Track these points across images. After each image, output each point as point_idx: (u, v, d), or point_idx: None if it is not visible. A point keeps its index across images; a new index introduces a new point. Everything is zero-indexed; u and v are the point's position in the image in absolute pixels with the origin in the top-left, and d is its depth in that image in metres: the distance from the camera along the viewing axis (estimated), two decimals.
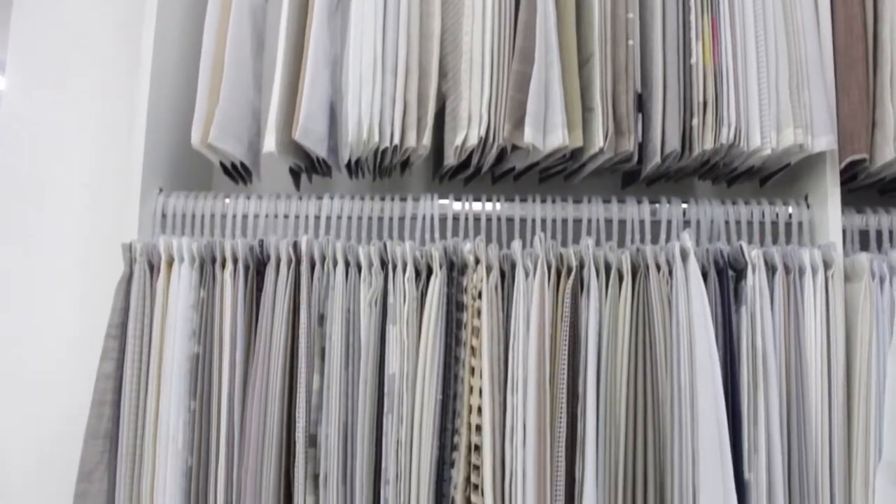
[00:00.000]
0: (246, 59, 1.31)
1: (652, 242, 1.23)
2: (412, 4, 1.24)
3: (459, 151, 1.22)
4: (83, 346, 1.34)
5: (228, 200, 1.34)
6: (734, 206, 1.29)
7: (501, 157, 1.28)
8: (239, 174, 1.39)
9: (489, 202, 1.30)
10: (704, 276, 1.17)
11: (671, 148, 1.18)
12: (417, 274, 1.21)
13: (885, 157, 1.22)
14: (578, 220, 1.28)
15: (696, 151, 1.20)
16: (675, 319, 1.14)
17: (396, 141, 1.22)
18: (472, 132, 1.19)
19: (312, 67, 1.22)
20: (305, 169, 1.40)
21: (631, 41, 1.22)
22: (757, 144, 1.20)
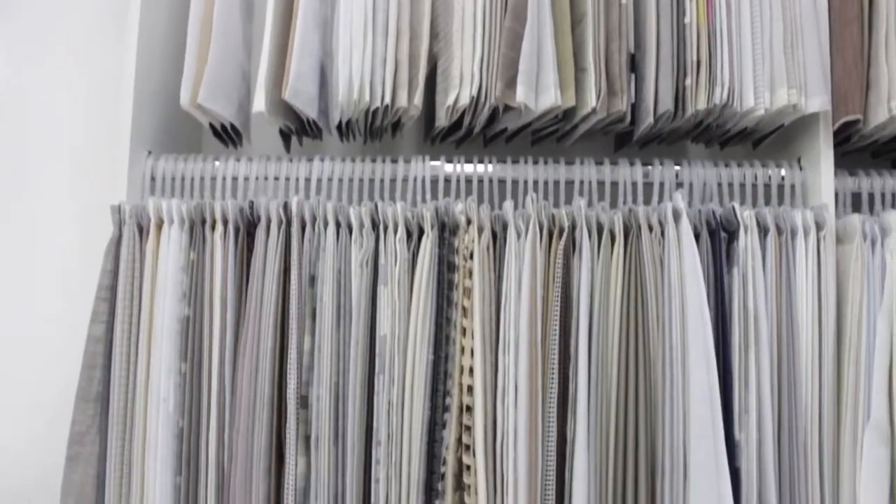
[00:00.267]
0: (235, 20, 1.29)
1: (644, 204, 1.22)
2: None
3: (451, 111, 1.21)
4: (73, 309, 1.33)
5: (218, 163, 1.33)
6: (727, 168, 1.28)
7: (493, 118, 1.27)
8: (229, 136, 1.38)
9: (481, 164, 1.29)
10: (696, 237, 1.16)
11: (664, 108, 1.17)
12: (409, 235, 1.20)
13: (878, 118, 1.22)
14: (571, 181, 1.28)
15: (689, 111, 1.19)
16: (666, 280, 1.14)
17: (387, 101, 1.20)
18: (463, 92, 1.18)
19: (302, 28, 1.21)
20: (296, 131, 1.39)
21: (624, 0, 1.20)
22: (750, 105, 1.19)
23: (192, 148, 1.53)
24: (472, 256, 1.17)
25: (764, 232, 1.18)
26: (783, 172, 1.29)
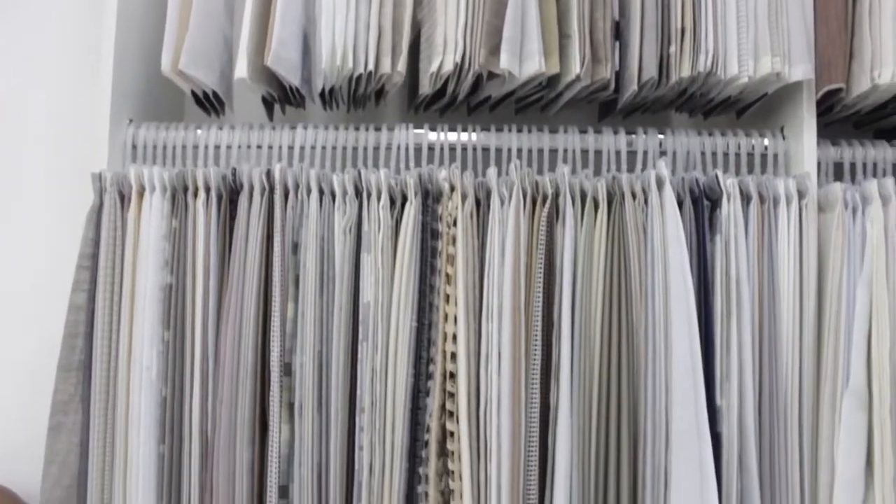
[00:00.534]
0: None
1: (628, 173, 1.22)
2: None
3: (435, 78, 1.20)
4: (54, 278, 1.32)
5: (200, 131, 1.32)
6: (710, 137, 1.29)
7: (477, 85, 1.26)
8: (211, 105, 1.36)
9: (465, 132, 1.29)
10: (680, 204, 1.17)
11: (648, 75, 1.17)
12: (392, 202, 1.20)
13: (861, 87, 1.22)
14: (554, 150, 1.28)
15: (672, 79, 1.19)
16: (649, 247, 1.15)
17: (371, 67, 1.20)
18: (447, 58, 1.17)
19: None
20: (279, 99, 1.38)
21: None
22: (734, 72, 1.19)
23: (174, 116, 1.51)
24: (455, 223, 1.17)
25: (746, 200, 1.18)
26: (766, 142, 1.29)
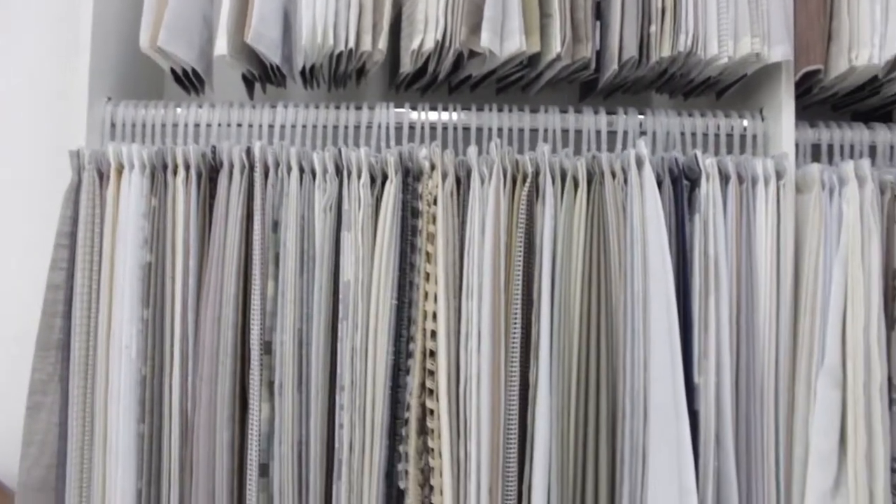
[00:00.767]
0: None
1: (608, 152, 1.23)
2: None
3: (416, 56, 1.20)
4: (31, 256, 1.31)
5: (180, 109, 1.32)
6: (690, 117, 1.29)
7: (458, 64, 1.26)
8: (191, 83, 1.35)
9: (445, 111, 1.29)
10: (659, 184, 1.17)
11: (628, 55, 1.18)
12: (372, 180, 1.20)
13: (839, 68, 1.23)
14: (535, 129, 1.28)
15: (653, 59, 1.19)
16: (629, 226, 1.15)
17: (351, 45, 1.19)
18: (428, 36, 1.17)
19: None
20: (259, 77, 1.37)
21: None
22: (714, 53, 1.20)
23: (153, 95, 1.50)
24: (435, 202, 1.17)
25: (725, 180, 1.19)
26: (745, 122, 1.30)
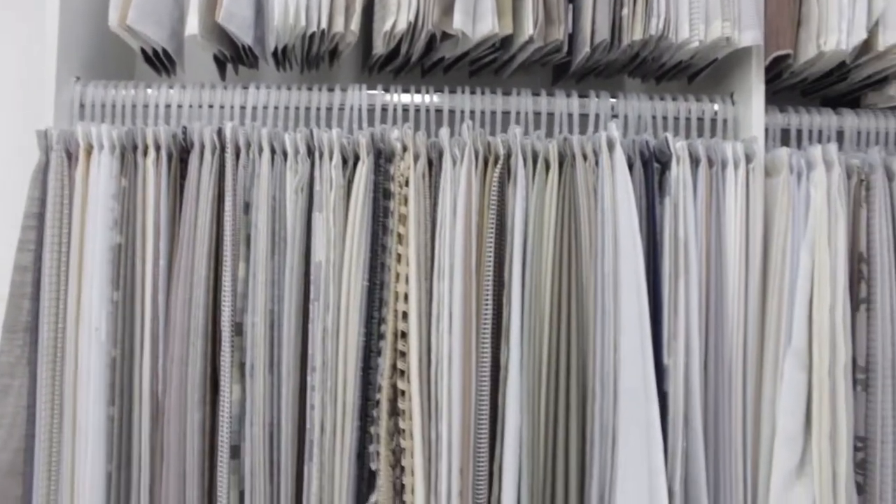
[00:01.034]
0: None
1: (580, 135, 1.23)
2: None
3: (388, 38, 1.19)
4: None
5: (151, 90, 1.30)
6: (662, 101, 1.30)
7: (431, 46, 1.26)
8: (162, 63, 1.34)
9: (418, 94, 1.29)
10: (630, 166, 1.18)
11: (601, 38, 1.18)
12: (344, 162, 1.19)
13: (808, 54, 1.24)
14: (507, 112, 1.28)
15: (625, 42, 1.19)
16: (599, 208, 1.16)
17: (324, 25, 1.18)
18: (401, 17, 1.16)
19: None
20: (231, 58, 1.36)
21: None
22: (685, 36, 1.20)
23: (124, 75, 1.48)
24: (407, 183, 1.17)
25: (695, 163, 1.20)
26: (716, 107, 1.31)
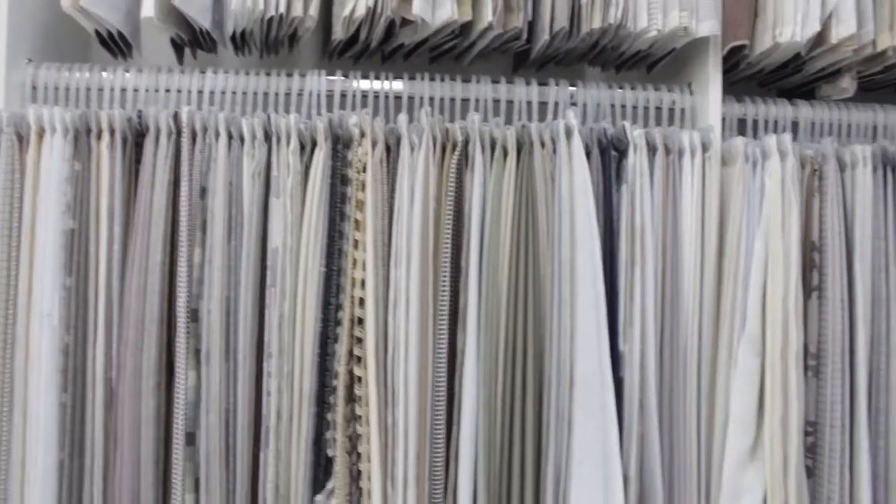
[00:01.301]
0: None
1: (538, 123, 1.23)
2: None
3: (347, 23, 1.19)
4: None
5: (106, 73, 1.28)
6: (620, 90, 1.31)
7: (390, 32, 1.25)
8: (118, 46, 1.32)
9: (377, 80, 1.28)
10: (588, 154, 1.18)
11: (559, 26, 1.18)
12: (302, 147, 1.19)
13: (763, 44, 1.26)
14: (466, 99, 1.28)
15: (584, 30, 1.20)
16: (557, 196, 1.16)
17: (282, 10, 1.18)
18: (360, 3, 1.16)
19: None
20: (189, 42, 1.34)
21: None
22: (644, 25, 1.21)
23: (80, 58, 1.45)
24: (365, 169, 1.16)
25: (652, 151, 1.21)
26: (674, 96, 1.32)
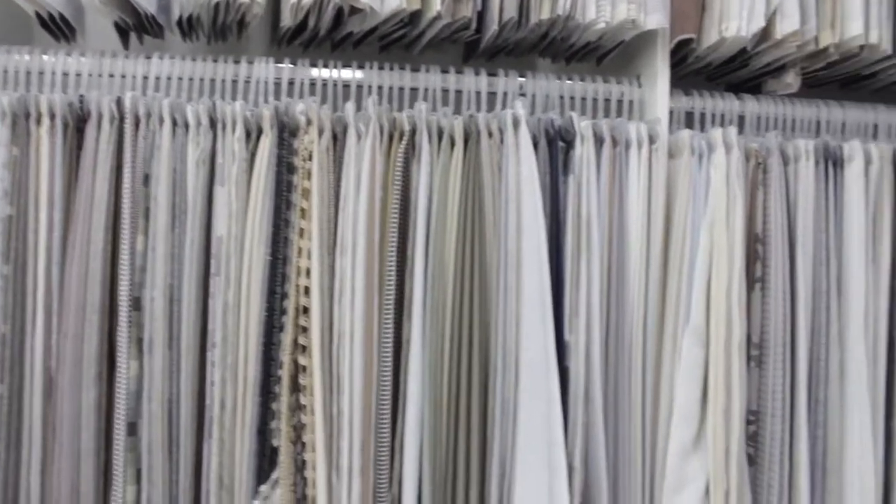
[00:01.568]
0: None
1: (486, 113, 1.23)
2: None
3: (296, 10, 1.17)
4: None
5: (47, 57, 1.25)
6: (570, 81, 1.32)
7: (339, 20, 1.24)
8: (60, 30, 1.29)
9: (325, 68, 1.27)
10: (535, 145, 1.19)
11: (508, 16, 1.19)
12: (248, 135, 1.17)
13: (710, 39, 1.27)
14: (416, 88, 1.28)
15: (532, 21, 1.20)
16: (504, 186, 1.16)
17: None
18: None
19: None
20: (134, 27, 1.32)
21: None
22: (592, 17, 1.21)
23: (21, 40, 1.42)
24: (311, 158, 1.15)
25: (600, 142, 1.22)
26: (623, 89, 1.33)
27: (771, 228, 1.23)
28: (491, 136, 1.18)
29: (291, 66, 1.27)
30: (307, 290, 1.14)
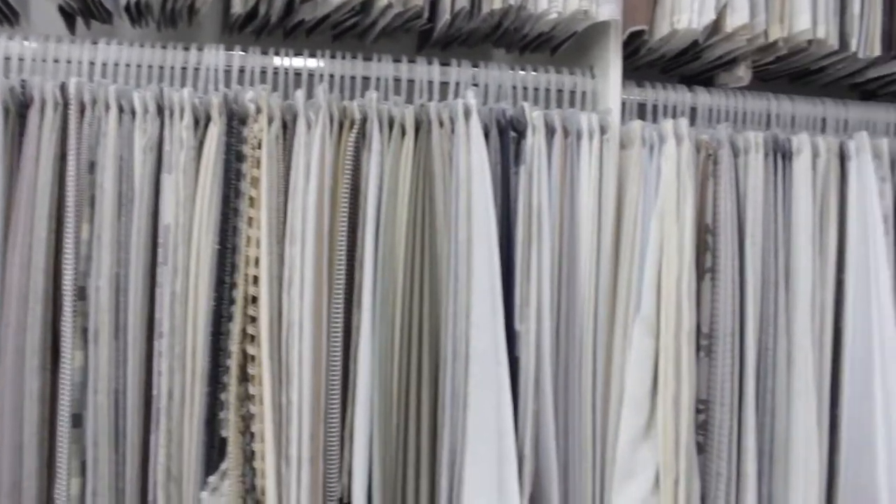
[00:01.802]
0: None
1: (437, 102, 1.23)
2: None
3: None
4: None
5: None
6: (523, 72, 1.32)
7: (291, 8, 1.23)
8: (2, 13, 1.27)
9: (276, 56, 1.26)
10: (487, 134, 1.19)
11: (460, 5, 1.18)
12: (196, 122, 1.16)
13: (662, 31, 1.28)
14: (367, 77, 1.27)
15: (484, 10, 1.20)
16: (454, 175, 1.16)
17: None
18: None
19: None
20: (80, 11, 1.29)
21: None
22: (544, 7, 1.22)
23: None
24: (260, 146, 1.14)
25: (551, 133, 1.22)
26: (576, 79, 1.34)
27: (721, 219, 1.24)
28: (442, 125, 1.18)
29: (242, 53, 1.25)
30: (256, 279, 1.13)
